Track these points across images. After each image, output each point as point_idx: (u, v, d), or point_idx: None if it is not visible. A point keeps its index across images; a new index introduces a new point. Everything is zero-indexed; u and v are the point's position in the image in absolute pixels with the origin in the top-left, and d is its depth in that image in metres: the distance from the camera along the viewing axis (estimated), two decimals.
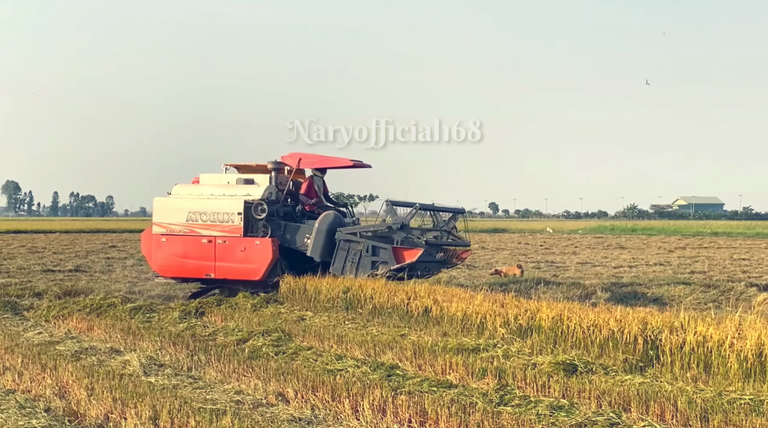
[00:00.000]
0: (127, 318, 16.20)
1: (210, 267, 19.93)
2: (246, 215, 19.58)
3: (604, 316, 12.30)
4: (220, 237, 19.81)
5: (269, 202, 19.71)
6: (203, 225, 19.88)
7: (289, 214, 20.24)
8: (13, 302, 18.73)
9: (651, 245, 51.31)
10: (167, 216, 20.28)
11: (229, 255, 19.70)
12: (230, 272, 19.80)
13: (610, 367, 10.96)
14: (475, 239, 62.26)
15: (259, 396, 9.69)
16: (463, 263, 22.17)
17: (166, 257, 20.41)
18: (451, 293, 15.86)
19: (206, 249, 19.90)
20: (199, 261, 20.01)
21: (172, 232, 20.20)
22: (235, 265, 19.71)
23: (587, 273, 27.86)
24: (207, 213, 19.85)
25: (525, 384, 10.05)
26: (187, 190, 20.57)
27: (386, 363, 11.32)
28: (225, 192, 20.08)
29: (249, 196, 19.76)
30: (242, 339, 13.51)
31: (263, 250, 19.45)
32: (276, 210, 19.93)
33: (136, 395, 9.41)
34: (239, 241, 19.61)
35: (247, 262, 19.57)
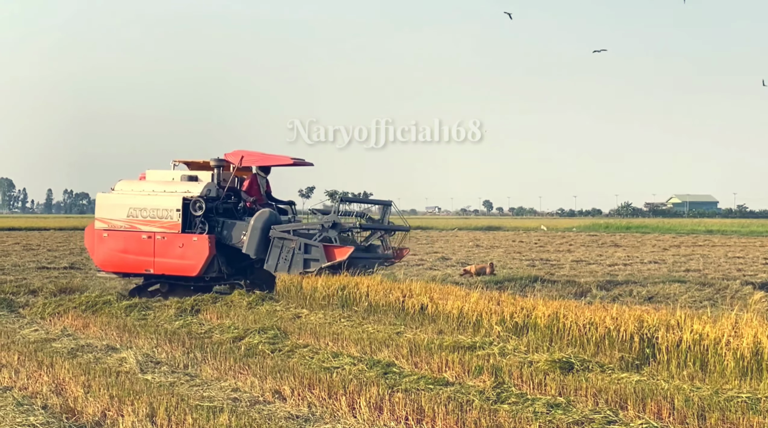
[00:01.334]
0: (122, 316, 16.20)
1: (149, 262, 20.16)
2: (184, 212, 19.79)
3: (600, 314, 12.31)
4: (159, 233, 20.05)
5: (207, 199, 19.84)
6: (143, 221, 20.12)
7: (229, 210, 20.36)
8: (8, 299, 18.72)
9: (645, 243, 51.37)
10: (109, 211, 20.59)
11: (168, 251, 19.92)
12: (168, 268, 20.04)
13: (606, 365, 10.98)
14: (469, 237, 62.37)
15: (255, 394, 9.70)
16: (400, 261, 22.35)
17: (108, 252, 20.66)
18: (446, 291, 15.87)
19: (146, 245, 20.14)
20: (138, 257, 20.23)
21: (113, 228, 20.47)
22: (173, 261, 19.93)
23: (582, 271, 27.87)
24: (147, 209, 20.11)
25: (521, 381, 10.05)
26: (130, 186, 20.80)
27: (382, 360, 11.32)
28: (166, 188, 20.29)
29: (188, 193, 19.94)
30: (238, 337, 13.51)
31: (200, 247, 19.60)
32: (215, 207, 20.03)
33: (133, 392, 9.41)
34: (177, 237, 19.81)
35: (185, 258, 19.76)
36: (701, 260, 33.76)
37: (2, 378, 10.53)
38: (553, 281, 22.98)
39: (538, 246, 47.78)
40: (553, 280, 23.20)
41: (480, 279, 23.14)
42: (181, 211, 19.72)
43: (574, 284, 22.19)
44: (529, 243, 50.72)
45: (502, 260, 33.69)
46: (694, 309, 15.03)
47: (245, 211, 20.41)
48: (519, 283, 22.07)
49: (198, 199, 19.70)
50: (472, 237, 60.91)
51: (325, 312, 16.31)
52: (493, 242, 52.72)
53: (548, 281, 22.95)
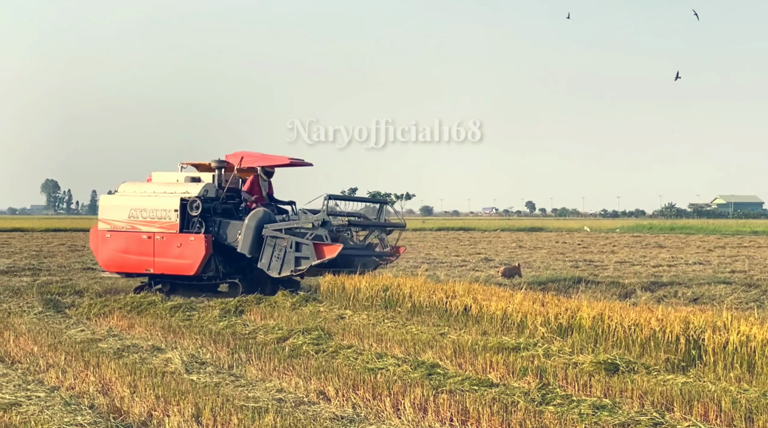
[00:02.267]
0: (167, 316, 16.30)
1: (149, 262, 20.44)
2: (182, 212, 20.04)
3: (646, 315, 12.24)
4: (159, 234, 20.33)
5: (205, 200, 20.06)
6: (143, 221, 20.45)
7: (228, 211, 20.56)
8: (55, 300, 18.90)
9: (690, 244, 50.97)
10: (111, 213, 21.03)
11: (167, 250, 20.20)
12: (168, 267, 20.32)
13: (652, 367, 10.91)
14: (512, 238, 62.20)
15: (300, 395, 9.72)
16: (396, 259, 22.49)
17: (110, 252, 21.04)
18: (490, 292, 15.84)
19: (146, 245, 20.43)
20: (139, 257, 20.54)
21: (115, 229, 20.84)
22: (172, 261, 20.19)
23: (626, 272, 27.70)
24: (147, 210, 20.45)
25: (566, 383, 10.01)
26: (132, 187, 21.22)
27: (426, 361, 11.31)
28: (166, 190, 20.62)
29: (186, 194, 20.19)
30: (282, 338, 13.55)
31: (197, 246, 19.82)
32: (213, 207, 20.25)
33: (179, 393, 9.46)
34: (175, 237, 20.08)
35: (183, 258, 20.01)
36: (747, 261, 33.44)
37: (50, 378, 10.62)
38: (597, 282, 22.87)
39: (582, 247, 47.55)
40: (597, 281, 23.08)
41: (522, 280, 23.08)
42: (179, 211, 20.02)
43: (618, 285, 22.06)
44: (572, 244, 50.50)
45: (545, 261, 33.57)
46: (740, 310, 14.92)
47: (246, 211, 20.56)
48: (563, 284, 21.99)
49: (195, 199, 19.96)
50: (515, 238, 60.74)
51: (369, 313, 16.33)
52: (536, 243, 52.54)
53: (592, 282, 22.83)
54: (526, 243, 52.98)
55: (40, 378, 10.70)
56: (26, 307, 17.89)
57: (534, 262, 32.81)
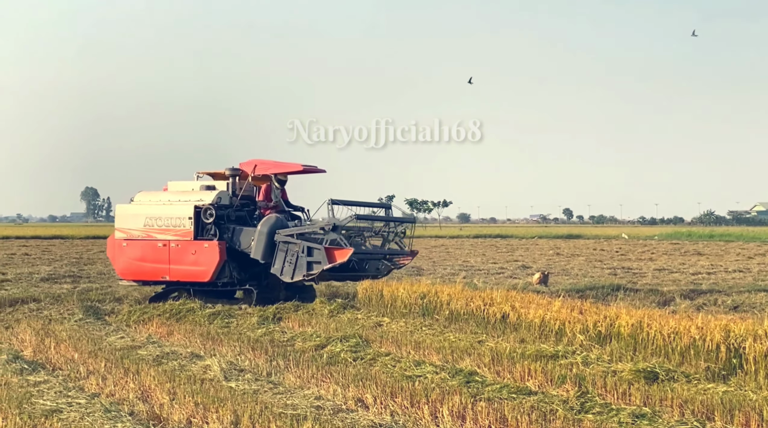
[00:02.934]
0: (205, 324, 16.38)
1: (165, 270, 20.56)
2: (196, 219, 20.19)
3: (685, 324, 12.16)
4: (174, 241, 20.45)
5: (219, 207, 20.20)
6: (159, 229, 20.59)
7: (242, 218, 20.66)
8: (94, 307, 19.05)
9: (729, 251, 50.56)
10: (127, 222, 21.15)
11: (182, 258, 20.31)
12: (183, 274, 20.41)
13: (692, 375, 10.83)
14: (549, 245, 61.97)
15: (338, 402, 9.73)
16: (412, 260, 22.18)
17: (127, 261, 21.12)
18: (528, 299, 15.81)
19: (161, 253, 20.56)
20: (155, 265, 20.66)
21: (131, 237, 20.94)
22: (187, 268, 20.29)
23: (665, 279, 27.53)
24: (162, 218, 20.60)
25: (605, 391, 9.97)
26: (148, 197, 21.36)
27: (465, 369, 11.29)
28: (180, 198, 20.78)
29: (200, 202, 20.33)
30: (320, 345, 13.58)
31: (211, 252, 19.93)
32: (227, 214, 20.37)
33: (218, 400, 9.50)
34: (190, 244, 20.20)
35: (197, 265, 20.11)
36: None
37: (90, 385, 10.70)
38: (636, 290, 22.75)
39: (620, 254, 47.30)
40: (636, 289, 22.97)
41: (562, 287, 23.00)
42: (193, 218, 20.17)
43: (657, 293, 21.93)
44: (610, 252, 50.24)
45: (583, 268, 33.43)
46: None
47: (260, 218, 20.59)
48: (601, 292, 21.89)
49: (209, 207, 20.10)
50: (552, 246, 60.51)
51: (407, 320, 16.33)
52: (574, 250, 52.33)
53: (630, 290, 22.72)
54: (564, 250, 52.78)
55: (81, 384, 10.78)
56: (67, 314, 18.04)
57: (572, 270, 32.68)
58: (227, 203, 20.56)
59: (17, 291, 22.33)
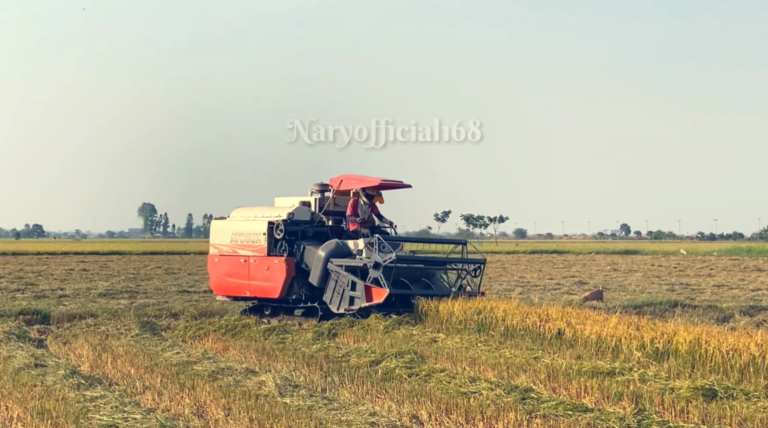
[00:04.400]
0: (261, 339, 16.42)
1: (246, 285, 20.76)
2: (269, 235, 20.27)
3: (744, 340, 12.00)
4: (252, 257, 20.62)
5: (291, 222, 20.22)
6: (241, 245, 20.84)
7: (322, 234, 20.48)
8: (151, 322, 19.16)
9: None
10: (218, 237, 21.56)
11: (258, 273, 20.48)
12: (258, 290, 20.60)
13: (751, 393, 10.66)
14: (606, 261, 61.49)
15: (393, 418, 9.69)
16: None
17: (218, 276, 21.55)
18: (584, 315, 15.69)
19: (243, 268, 20.77)
20: (238, 280, 20.91)
21: (222, 253, 21.30)
22: (261, 283, 20.48)
23: (724, 296, 27.22)
24: (243, 234, 20.84)
25: (663, 408, 9.85)
26: (240, 213, 21.52)
27: (520, 385, 11.21)
28: (261, 214, 20.91)
29: (276, 217, 20.39)
30: (375, 361, 13.55)
31: (279, 269, 20.06)
32: (302, 230, 20.32)
33: (273, 415, 9.51)
34: (264, 260, 20.36)
35: (269, 281, 20.25)
36: None
37: (146, 400, 10.75)
38: (694, 306, 22.52)
39: (678, 270, 46.86)
40: (694, 305, 22.73)
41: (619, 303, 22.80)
42: (267, 234, 20.28)
43: (715, 309, 21.70)
44: (668, 268, 49.78)
45: (641, 284, 33.14)
46: None
47: (347, 234, 20.45)
48: (658, 308, 21.69)
49: (279, 223, 20.17)
50: (610, 261, 60.06)
51: (462, 336, 16.26)
52: (631, 266, 51.90)
53: (688, 306, 22.50)
54: (621, 266, 52.36)
55: (137, 400, 10.83)
56: (124, 330, 18.16)
57: (629, 286, 32.41)
58: (305, 219, 20.51)
59: (75, 307, 22.57)
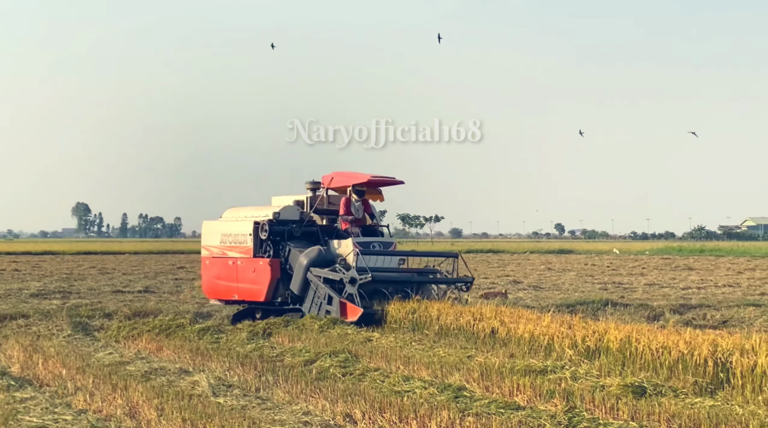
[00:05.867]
0: (195, 339, 16.34)
1: (235, 288, 19.96)
2: (255, 235, 19.53)
3: (674, 338, 12.18)
4: (239, 259, 19.84)
5: (277, 223, 19.44)
6: (229, 246, 20.06)
7: (312, 234, 19.69)
8: (84, 323, 18.99)
9: (720, 266, 50.66)
10: (208, 239, 20.74)
11: (245, 276, 19.70)
12: (245, 293, 19.79)
13: (679, 390, 10.84)
14: (541, 260, 61.99)
15: (326, 418, 9.72)
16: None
17: (209, 279, 20.75)
18: (517, 314, 15.81)
19: (231, 271, 19.99)
20: (228, 283, 20.12)
21: (212, 255, 20.51)
22: (248, 286, 19.68)
23: (655, 294, 27.57)
24: (231, 235, 20.06)
25: (593, 406, 9.96)
26: (231, 213, 20.71)
27: (453, 384, 11.28)
28: (250, 214, 20.10)
29: (262, 217, 19.62)
30: (309, 360, 13.56)
31: (264, 271, 19.32)
32: (290, 230, 19.52)
33: (206, 416, 9.49)
34: (250, 262, 19.59)
35: (255, 283, 19.49)
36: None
37: (77, 401, 10.66)
38: (626, 304, 22.79)
39: (611, 269, 47.39)
40: (626, 304, 23.00)
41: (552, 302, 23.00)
42: (253, 235, 19.51)
43: (646, 308, 21.97)
44: (601, 267, 50.32)
45: (574, 283, 33.47)
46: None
47: (338, 233, 19.69)
48: (591, 307, 21.91)
49: (264, 223, 19.37)
50: (544, 261, 60.55)
51: (396, 335, 16.31)
52: (565, 265, 52.38)
53: (620, 305, 22.76)
54: (555, 265, 52.82)
55: (68, 401, 10.75)
56: (56, 330, 17.98)
57: (563, 285, 32.71)
58: (293, 218, 19.74)
59: (6, 307, 22.27)
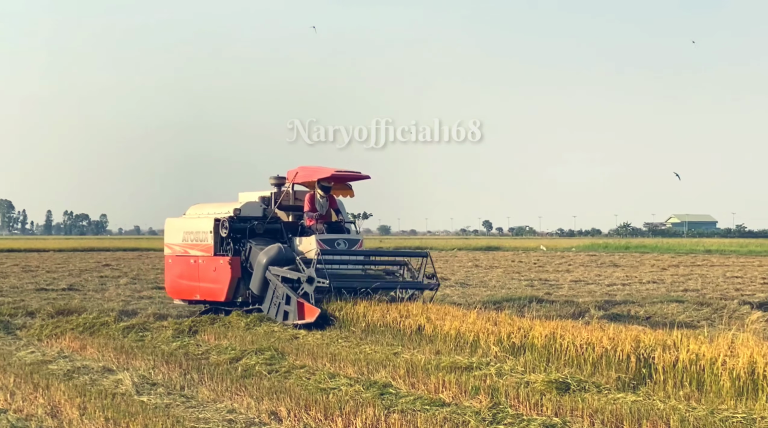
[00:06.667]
0: (120, 337, 16.17)
1: (197, 288, 19.33)
2: (215, 233, 18.88)
3: (597, 334, 12.31)
4: (201, 257, 19.21)
5: (239, 219, 18.83)
6: (191, 244, 19.43)
7: (276, 231, 19.07)
8: (5, 321, 18.66)
9: (644, 263, 51.32)
10: (171, 237, 20.07)
11: (206, 275, 19.08)
12: (207, 293, 19.12)
13: (602, 385, 10.95)
14: (468, 257, 62.28)
15: (251, 415, 9.67)
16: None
17: (171, 278, 20.17)
18: (444, 311, 15.85)
19: (194, 270, 19.36)
20: (190, 282, 19.51)
21: (174, 253, 19.91)
22: (209, 285, 19.03)
23: (581, 291, 27.82)
24: (193, 232, 19.41)
25: (518, 402, 10.03)
26: (195, 210, 20.12)
27: (379, 381, 11.30)
28: (211, 210, 19.49)
29: (224, 214, 19.00)
30: (235, 358, 13.50)
31: (224, 270, 18.65)
32: (252, 227, 18.87)
33: (129, 414, 9.39)
34: (211, 260, 18.94)
35: (215, 282, 18.86)
36: (699, 280, 33.71)
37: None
38: (552, 301, 22.96)
39: (537, 266, 47.74)
40: (552, 300, 23.17)
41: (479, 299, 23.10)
42: (213, 232, 18.88)
43: (572, 304, 22.16)
44: (528, 264, 50.67)
45: (501, 280, 33.65)
46: (691, 329, 15.03)
47: (303, 230, 19.04)
48: (517, 303, 22.02)
49: (224, 220, 18.74)
50: (472, 258, 60.82)
51: (323, 332, 16.28)
52: (492, 262, 52.67)
53: (546, 301, 22.92)
54: (483, 262, 53.08)
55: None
56: None
57: (490, 282, 32.88)
58: (256, 215, 19.15)
59: None
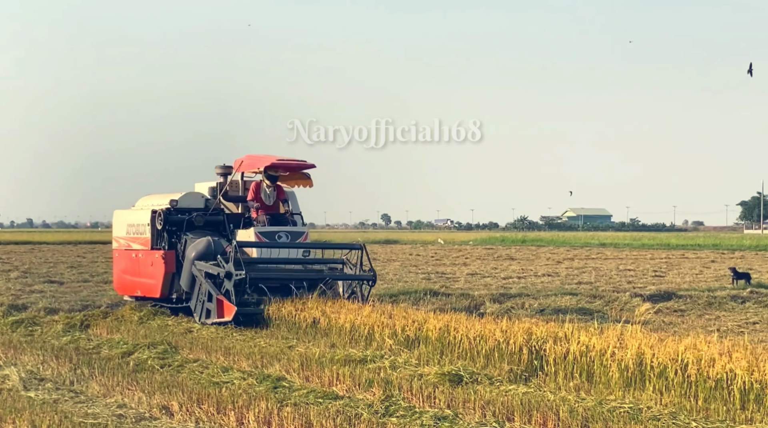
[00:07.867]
0: (8, 332, 15.86)
1: (138, 283, 18.55)
2: (152, 226, 18.03)
3: (490, 327, 12.44)
4: (140, 251, 18.42)
5: (175, 211, 17.99)
6: (133, 238, 18.66)
7: (218, 223, 18.27)
8: None
9: (540, 256, 51.99)
10: (117, 229, 19.35)
11: (144, 269, 18.32)
12: (146, 288, 18.33)
13: (495, 377, 11.07)
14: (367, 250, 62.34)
15: (142, 410, 9.55)
16: None
17: (117, 273, 19.51)
18: (339, 304, 15.89)
19: (135, 264, 18.59)
20: (132, 277, 18.79)
21: (120, 247, 19.23)
22: (146, 281, 18.27)
23: (477, 284, 28.06)
24: (134, 225, 18.64)
25: (411, 394, 10.07)
26: (142, 201, 19.34)
27: (273, 375, 11.27)
28: (155, 202, 18.66)
29: (161, 206, 18.19)
30: (127, 352, 13.34)
31: (158, 264, 17.83)
32: (190, 219, 17.98)
33: (15, 410, 9.21)
34: (148, 255, 18.11)
35: (151, 277, 18.07)
36: (593, 273, 34.27)
37: None
38: (448, 294, 23.09)
39: (435, 259, 48.02)
40: (448, 294, 23.31)
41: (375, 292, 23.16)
42: (150, 225, 18.01)
43: (468, 297, 22.32)
44: (425, 257, 50.94)
45: (398, 273, 33.76)
46: (583, 321, 15.28)
47: (247, 222, 18.37)
48: (413, 297, 22.13)
49: (160, 212, 17.91)
50: (370, 251, 60.79)
51: (217, 326, 16.17)
52: (390, 255, 52.83)
53: (443, 294, 23.04)
54: (381, 255, 53.18)
55: None
56: None
57: (387, 275, 32.96)
58: (196, 206, 18.31)
59: None
